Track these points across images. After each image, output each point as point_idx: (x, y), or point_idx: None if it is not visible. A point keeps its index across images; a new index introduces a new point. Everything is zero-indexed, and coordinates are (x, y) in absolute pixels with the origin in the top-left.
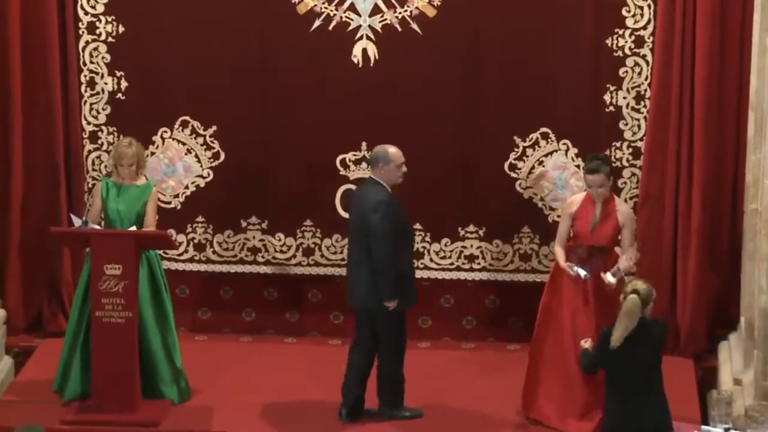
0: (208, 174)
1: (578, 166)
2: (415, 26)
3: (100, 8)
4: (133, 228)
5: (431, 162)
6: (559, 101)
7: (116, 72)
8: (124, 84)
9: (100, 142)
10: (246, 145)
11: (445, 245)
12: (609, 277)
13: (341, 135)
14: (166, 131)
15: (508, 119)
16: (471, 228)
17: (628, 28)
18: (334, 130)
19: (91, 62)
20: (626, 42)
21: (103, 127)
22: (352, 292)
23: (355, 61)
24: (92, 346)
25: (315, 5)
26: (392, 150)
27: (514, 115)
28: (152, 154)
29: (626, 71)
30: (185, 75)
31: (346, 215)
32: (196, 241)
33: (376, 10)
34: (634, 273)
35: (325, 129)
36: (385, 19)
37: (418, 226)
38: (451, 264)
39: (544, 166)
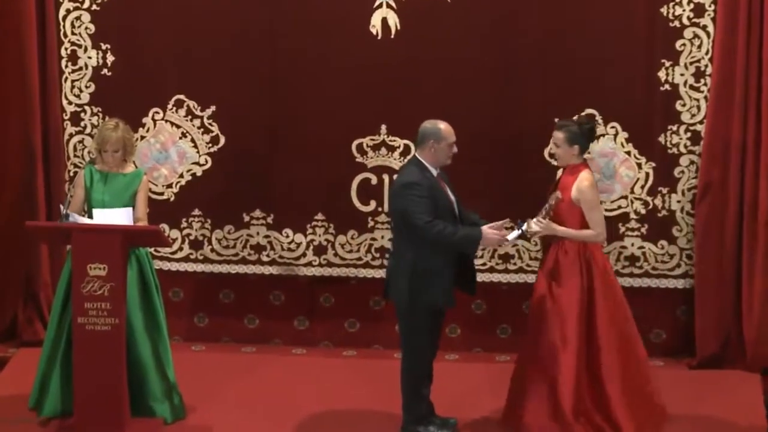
0: (206, 161)
1: (628, 153)
2: None
3: None
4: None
5: (460, 148)
6: (606, 79)
7: (101, 44)
8: (110, 58)
9: (83, 124)
10: (249, 129)
11: None
12: (533, 225)
13: (358, 117)
14: (158, 112)
15: (548, 99)
16: (506, 223)
17: None
18: (350, 112)
19: (73, 33)
20: (684, 11)
21: (87, 108)
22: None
23: (374, 32)
24: (74, 357)
25: None
26: (443, 126)
27: (554, 95)
28: (142, 138)
29: (684, 44)
30: (180, 48)
31: (362, 208)
32: (192, 237)
33: None
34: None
35: (339, 110)
36: None
37: None
38: (483, 264)
39: (589, 153)
